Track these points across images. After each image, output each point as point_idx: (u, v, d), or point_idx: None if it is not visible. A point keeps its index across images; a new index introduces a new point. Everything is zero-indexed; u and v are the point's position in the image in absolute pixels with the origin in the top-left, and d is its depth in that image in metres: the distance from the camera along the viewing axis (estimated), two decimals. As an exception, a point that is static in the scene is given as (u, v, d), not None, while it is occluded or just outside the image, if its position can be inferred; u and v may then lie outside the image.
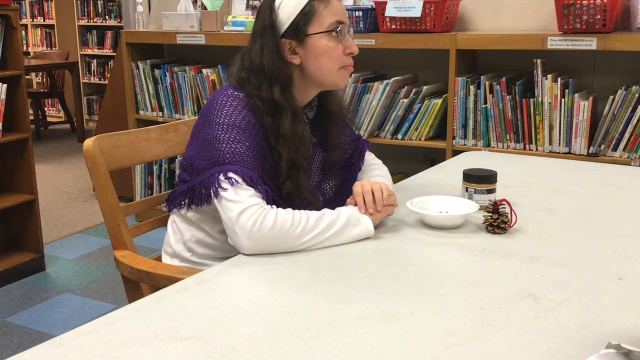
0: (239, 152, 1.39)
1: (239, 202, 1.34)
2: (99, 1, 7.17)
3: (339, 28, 1.47)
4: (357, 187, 1.47)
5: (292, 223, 1.32)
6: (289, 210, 1.36)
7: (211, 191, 1.38)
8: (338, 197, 1.67)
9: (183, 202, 1.51)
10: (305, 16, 1.46)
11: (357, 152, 1.71)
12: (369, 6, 3.07)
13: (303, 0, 1.46)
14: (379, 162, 1.75)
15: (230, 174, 1.36)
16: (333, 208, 1.42)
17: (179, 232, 1.58)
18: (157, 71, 3.76)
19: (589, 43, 2.54)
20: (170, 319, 1.05)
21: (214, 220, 1.50)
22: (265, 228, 1.31)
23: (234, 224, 1.33)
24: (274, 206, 1.37)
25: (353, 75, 3.13)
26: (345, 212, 1.39)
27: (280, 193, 1.45)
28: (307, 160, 1.50)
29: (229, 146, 1.39)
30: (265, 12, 1.48)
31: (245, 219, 1.31)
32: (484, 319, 1.04)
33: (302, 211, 1.36)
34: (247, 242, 1.31)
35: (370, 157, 1.75)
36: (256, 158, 1.41)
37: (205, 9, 3.59)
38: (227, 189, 1.36)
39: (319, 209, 1.41)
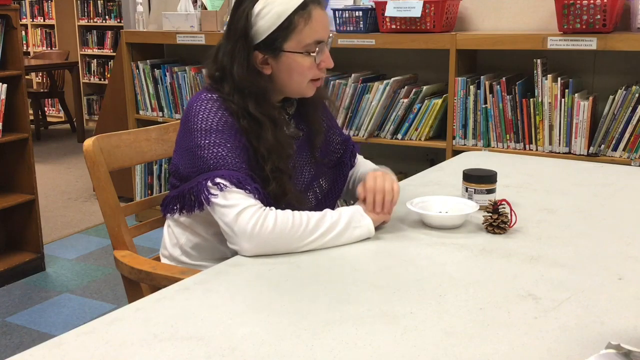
0: (222, 155, 1.38)
1: (233, 206, 1.33)
2: (99, 1, 7.17)
3: (316, 49, 1.44)
4: (369, 180, 1.44)
5: (293, 225, 1.32)
6: (289, 211, 1.35)
7: (202, 198, 1.36)
8: (329, 197, 1.67)
9: (175, 208, 1.49)
10: (283, 31, 1.42)
11: (349, 151, 1.71)
12: (369, 6, 3.07)
13: (283, 15, 1.41)
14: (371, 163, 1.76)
15: (218, 179, 1.35)
16: (324, 207, 1.42)
17: (174, 237, 1.57)
18: (157, 71, 3.76)
19: (589, 43, 2.54)
20: (170, 319, 1.05)
21: (206, 223, 1.49)
22: (266, 230, 1.30)
23: (232, 227, 1.32)
24: (272, 207, 1.36)
25: (353, 75, 3.13)
26: (346, 214, 1.38)
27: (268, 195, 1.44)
28: (291, 160, 1.48)
29: (210, 151, 1.38)
30: (242, 17, 1.43)
31: (244, 222, 1.31)
32: (484, 319, 1.04)
33: (302, 212, 1.36)
34: (247, 245, 1.30)
35: (361, 158, 1.76)
36: (241, 158, 1.39)
37: (205, 9, 3.59)
38: (217, 195, 1.35)
39: (308, 209, 1.40)
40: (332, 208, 1.62)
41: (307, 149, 1.60)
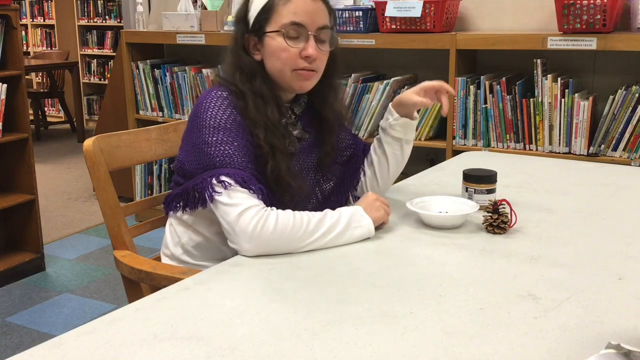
0: (228, 153, 1.38)
1: (235, 205, 1.33)
2: (99, 1, 7.17)
3: (290, 30, 1.42)
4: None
5: (294, 226, 1.31)
6: (289, 212, 1.35)
7: (205, 196, 1.37)
8: (337, 192, 1.66)
9: (178, 205, 1.49)
10: (265, 13, 1.44)
11: (360, 146, 1.71)
12: (369, 6, 3.07)
13: None
14: None
15: (223, 177, 1.35)
16: (333, 202, 1.42)
17: (177, 236, 1.57)
18: (157, 71, 3.76)
19: (589, 43, 2.54)
20: (170, 319, 1.05)
21: (209, 221, 1.49)
22: (267, 231, 1.30)
23: (233, 227, 1.32)
24: (274, 208, 1.36)
25: (353, 75, 3.13)
26: (346, 214, 1.38)
27: (269, 183, 1.43)
28: (291, 147, 1.49)
29: (217, 149, 1.38)
30: (242, 4, 1.49)
31: (245, 222, 1.31)
32: (484, 319, 1.04)
33: (303, 213, 1.36)
34: (248, 245, 1.30)
35: None
36: (247, 157, 1.39)
37: (205, 9, 3.59)
38: (221, 193, 1.35)
39: (306, 194, 1.39)
40: (341, 206, 1.62)
41: (313, 153, 1.60)
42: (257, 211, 1.32)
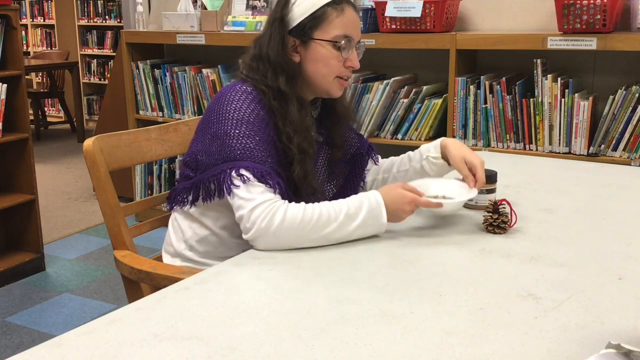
0: (250, 147, 1.39)
1: (251, 200, 1.35)
2: (99, 1, 7.17)
3: (343, 42, 1.47)
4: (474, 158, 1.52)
5: (302, 219, 1.32)
6: (301, 206, 1.35)
7: (224, 187, 1.38)
8: (343, 191, 1.67)
9: (186, 199, 1.51)
10: (314, 20, 1.47)
11: (365, 145, 1.72)
12: (369, 6, 3.07)
13: (318, 3, 1.47)
14: None
15: (242, 171, 1.37)
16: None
17: (180, 231, 1.58)
18: (157, 71, 3.76)
19: (589, 43, 2.54)
20: (170, 319, 1.05)
21: (216, 214, 1.50)
22: (274, 225, 1.31)
23: (246, 221, 1.34)
24: (286, 202, 1.37)
25: (353, 75, 3.13)
26: (366, 208, 1.36)
27: (290, 182, 1.45)
28: (313, 150, 1.51)
29: (239, 142, 1.40)
30: (280, 4, 1.51)
31: (255, 217, 1.33)
32: (484, 319, 1.04)
33: (315, 206, 1.35)
34: (259, 240, 1.33)
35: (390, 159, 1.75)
36: (267, 151, 1.41)
37: (205, 9, 3.59)
38: (239, 186, 1.37)
39: (324, 198, 1.41)
40: None
41: (323, 153, 1.63)
42: (267, 205, 1.34)
